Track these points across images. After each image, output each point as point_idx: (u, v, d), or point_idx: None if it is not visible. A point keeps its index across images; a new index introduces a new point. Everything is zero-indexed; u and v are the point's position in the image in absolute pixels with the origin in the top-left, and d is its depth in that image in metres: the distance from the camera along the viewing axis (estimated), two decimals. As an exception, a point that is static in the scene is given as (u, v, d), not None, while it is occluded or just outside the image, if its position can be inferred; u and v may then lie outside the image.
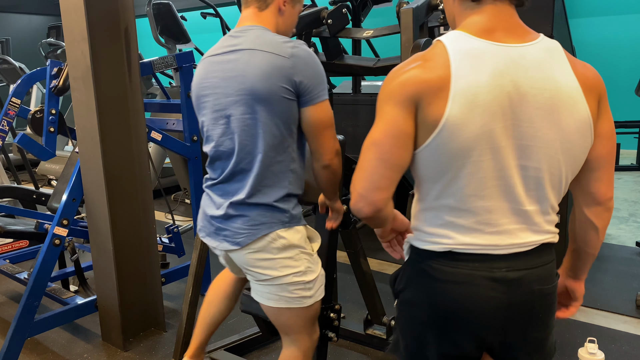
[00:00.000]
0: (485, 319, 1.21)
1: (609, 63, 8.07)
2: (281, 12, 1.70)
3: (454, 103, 1.10)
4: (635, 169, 6.98)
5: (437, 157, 1.15)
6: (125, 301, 2.77)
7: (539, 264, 1.22)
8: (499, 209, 1.17)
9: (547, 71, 1.15)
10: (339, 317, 2.14)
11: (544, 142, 1.14)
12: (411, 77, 1.14)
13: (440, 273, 1.21)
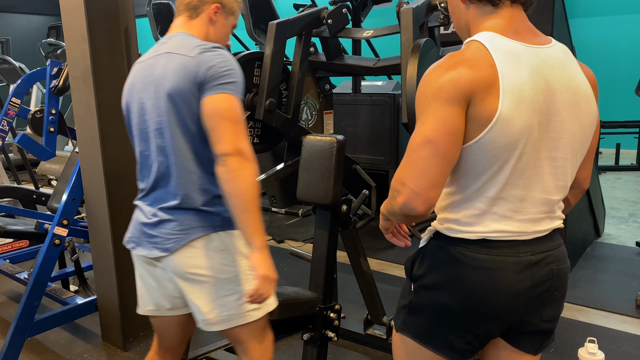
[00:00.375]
0: (511, 301, 1.28)
1: (609, 63, 8.07)
2: (212, 22, 1.68)
3: (505, 99, 1.16)
4: (635, 169, 6.97)
5: (487, 150, 1.19)
6: (125, 301, 2.77)
7: (555, 246, 1.33)
8: (530, 198, 1.25)
9: (568, 70, 1.25)
10: (339, 317, 2.14)
11: (569, 134, 1.24)
12: (462, 74, 1.17)
13: (473, 260, 1.27)
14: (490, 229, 1.26)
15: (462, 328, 1.32)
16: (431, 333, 1.36)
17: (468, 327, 1.32)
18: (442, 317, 1.33)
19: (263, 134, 2.69)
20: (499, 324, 1.33)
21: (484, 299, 1.28)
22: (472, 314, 1.30)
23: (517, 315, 1.32)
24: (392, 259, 3.97)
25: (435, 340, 1.35)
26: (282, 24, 2.47)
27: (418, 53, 1.83)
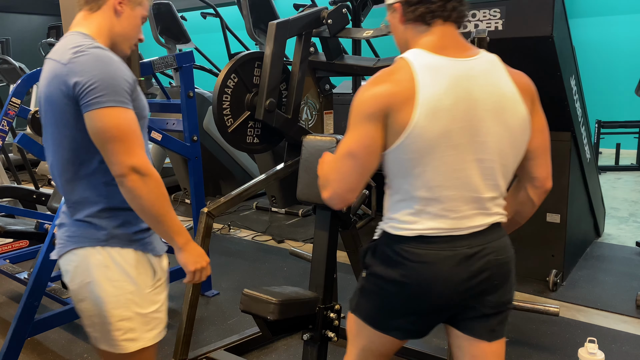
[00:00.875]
0: (450, 291, 1.41)
1: (609, 63, 8.07)
2: (117, 14, 1.54)
3: (421, 110, 1.31)
4: (635, 169, 6.97)
5: (406, 154, 1.35)
6: (125, 301, 2.77)
7: (494, 239, 1.43)
8: (461, 197, 1.38)
9: (491, 79, 1.38)
10: (339, 317, 2.14)
11: (496, 137, 1.37)
12: (383, 90, 1.34)
13: (412, 255, 1.40)
14: (426, 226, 1.39)
15: (405, 315, 1.47)
16: (377, 316, 1.50)
17: (411, 315, 1.46)
18: (387, 303, 1.47)
19: (263, 134, 2.69)
20: (440, 312, 1.47)
21: (423, 291, 1.41)
22: (414, 304, 1.44)
23: (458, 303, 1.44)
24: (392, 259, 3.97)
25: (381, 322, 1.50)
26: (282, 24, 2.47)
27: (418, 53, 1.83)
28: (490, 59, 1.42)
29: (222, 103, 2.43)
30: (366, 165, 1.39)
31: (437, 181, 1.35)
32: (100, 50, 1.44)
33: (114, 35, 1.55)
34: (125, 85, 1.42)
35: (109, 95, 1.38)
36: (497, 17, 2.81)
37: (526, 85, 1.45)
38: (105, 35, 1.53)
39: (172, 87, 5.51)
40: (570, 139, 3.23)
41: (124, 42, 1.59)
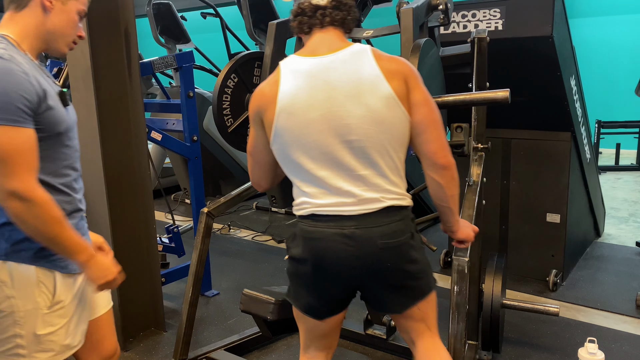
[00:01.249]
0: (342, 267, 1.53)
1: (609, 63, 8.07)
2: (46, 10, 1.43)
3: (279, 107, 1.50)
4: (635, 169, 6.97)
5: (279, 148, 1.55)
6: (125, 301, 2.77)
7: (383, 223, 1.52)
8: (336, 176, 1.51)
9: (351, 67, 1.50)
10: (339, 317, 2.14)
11: (358, 119, 1.48)
12: (255, 95, 1.59)
13: (306, 232, 1.56)
14: (314, 205, 1.54)
15: (312, 290, 1.62)
16: (296, 296, 1.68)
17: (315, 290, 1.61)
18: (298, 281, 1.64)
19: (263, 134, 2.69)
20: (340, 287, 1.60)
21: (319, 266, 1.55)
22: (314, 277, 1.58)
23: (357, 281, 1.58)
24: (392, 259, 3.97)
25: (299, 301, 1.67)
26: (282, 24, 2.47)
27: (418, 53, 1.83)
28: (355, 50, 1.52)
29: (222, 103, 2.43)
30: (261, 161, 1.66)
31: (311, 164, 1.51)
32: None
33: (45, 33, 1.45)
34: (19, 102, 1.31)
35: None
36: (497, 17, 2.81)
37: (395, 67, 1.51)
38: (33, 36, 1.44)
39: (172, 87, 5.51)
40: (570, 139, 3.23)
41: (59, 40, 1.49)
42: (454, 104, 1.97)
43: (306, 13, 1.56)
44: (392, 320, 2.60)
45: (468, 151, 2.12)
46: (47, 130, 1.39)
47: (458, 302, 1.78)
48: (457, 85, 2.37)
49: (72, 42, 1.53)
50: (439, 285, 1.79)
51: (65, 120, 1.46)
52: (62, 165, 1.47)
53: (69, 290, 1.51)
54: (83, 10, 1.53)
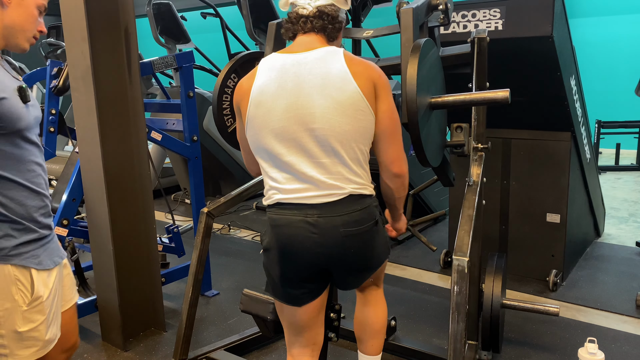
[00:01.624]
0: (306, 253, 1.64)
1: (609, 63, 8.06)
2: (3, 5, 1.43)
3: (252, 98, 1.66)
4: (635, 169, 6.97)
5: (252, 134, 1.69)
6: (125, 301, 2.77)
7: (345, 212, 1.64)
8: (301, 162, 1.63)
9: (321, 64, 1.62)
10: (339, 317, 2.14)
11: (322, 109, 1.59)
12: (236, 87, 1.75)
13: (273, 220, 1.68)
14: (283, 190, 1.65)
15: (285, 277, 1.71)
16: (273, 287, 1.77)
17: (287, 275, 1.71)
18: (271, 270, 1.74)
19: (263, 134, 2.69)
20: (308, 272, 1.70)
21: (284, 250, 1.67)
22: (283, 263, 1.69)
23: (323, 265, 1.68)
24: (392, 259, 3.98)
25: (277, 292, 1.76)
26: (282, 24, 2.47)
27: (418, 53, 1.83)
28: (329, 50, 1.66)
29: (222, 103, 2.42)
30: (247, 148, 1.80)
31: (280, 149, 1.63)
32: None
33: (2, 29, 1.45)
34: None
35: None
36: (497, 17, 2.81)
37: (364, 70, 1.63)
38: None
39: (172, 87, 5.51)
40: (570, 139, 3.23)
41: (17, 35, 1.47)
42: (454, 104, 1.97)
43: (291, 21, 1.72)
44: (392, 320, 2.60)
45: (468, 151, 2.12)
46: (6, 127, 1.39)
47: (458, 302, 1.78)
48: (457, 85, 2.37)
49: (32, 37, 1.52)
50: (438, 285, 1.80)
51: (23, 117, 1.44)
52: (24, 160, 1.47)
53: (46, 286, 1.52)
54: (43, 5, 1.51)
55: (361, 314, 2.07)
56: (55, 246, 1.60)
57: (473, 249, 1.87)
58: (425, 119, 1.89)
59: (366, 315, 2.06)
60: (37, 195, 1.52)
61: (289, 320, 1.82)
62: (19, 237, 1.46)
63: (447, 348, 2.10)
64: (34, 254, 1.49)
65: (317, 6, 1.69)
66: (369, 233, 1.69)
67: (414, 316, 3.09)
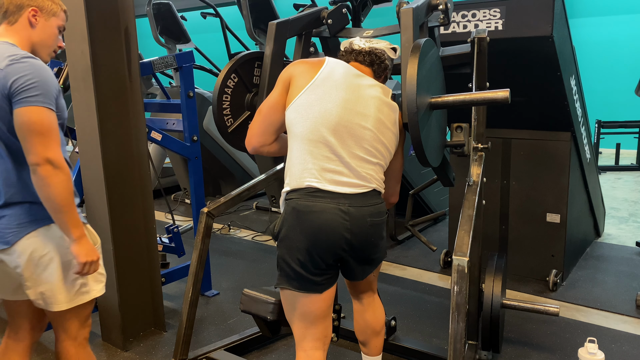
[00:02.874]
0: (338, 237, 1.75)
1: (609, 63, 8.06)
2: (32, 26, 1.77)
3: (323, 70, 1.84)
4: (635, 169, 6.97)
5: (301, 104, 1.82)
6: (125, 301, 2.77)
7: (371, 204, 1.80)
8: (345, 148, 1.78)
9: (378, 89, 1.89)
10: (339, 317, 2.15)
11: (375, 118, 1.83)
12: (298, 62, 1.92)
13: (304, 206, 1.75)
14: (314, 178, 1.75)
15: (309, 262, 1.76)
16: (292, 276, 1.79)
17: (312, 260, 1.76)
18: (293, 258, 1.77)
19: (263, 134, 2.68)
20: (332, 257, 1.78)
21: (316, 235, 1.73)
22: (312, 247, 1.74)
23: (344, 252, 1.78)
24: (392, 259, 3.98)
25: (296, 281, 1.79)
26: (282, 24, 2.47)
27: (418, 53, 1.83)
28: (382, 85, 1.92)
29: (222, 103, 2.42)
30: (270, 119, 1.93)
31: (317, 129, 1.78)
32: (34, 60, 1.68)
33: (32, 44, 1.78)
34: (54, 91, 1.67)
35: (38, 97, 1.62)
36: (497, 17, 2.81)
37: (400, 120, 1.92)
38: (26, 45, 1.77)
39: (172, 87, 5.51)
40: (570, 139, 3.23)
41: (42, 49, 1.80)
42: (454, 104, 1.97)
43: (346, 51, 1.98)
44: (392, 320, 2.60)
45: (468, 151, 2.12)
46: (58, 116, 1.70)
47: (458, 302, 1.78)
48: (457, 85, 2.37)
49: (52, 51, 1.85)
50: (438, 285, 1.81)
51: (65, 110, 1.80)
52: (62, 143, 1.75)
53: (97, 236, 1.91)
54: (62, 25, 1.85)
55: (362, 320, 2.13)
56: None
57: (473, 249, 1.88)
58: (425, 119, 1.89)
59: (367, 319, 2.12)
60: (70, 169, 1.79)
61: (305, 311, 1.84)
62: (77, 197, 1.77)
63: (447, 348, 2.10)
64: (80, 212, 1.79)
65: (370, 47, 1.94)
66: (383, 225, 1.87)
67: (414, 316, 3.09)
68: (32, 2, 1.77)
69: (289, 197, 1.80)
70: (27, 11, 1.75)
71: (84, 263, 1.74)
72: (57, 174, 1.64)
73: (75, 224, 1.71)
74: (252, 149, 1.94)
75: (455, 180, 2.39)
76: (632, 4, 7.83)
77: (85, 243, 1.74)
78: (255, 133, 1.92)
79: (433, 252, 3.98)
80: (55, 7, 1.81)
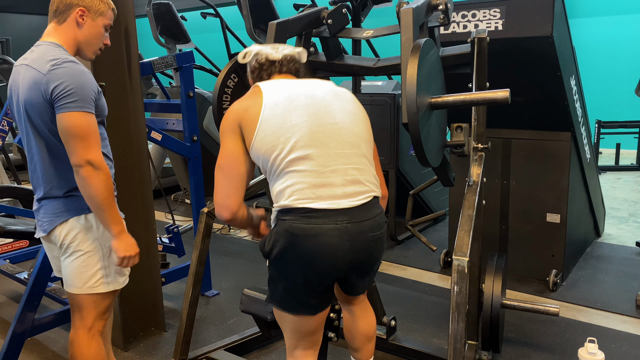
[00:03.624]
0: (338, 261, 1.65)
1: (609, 63, 8.07)
2: (79, 25, 1.84)
3: (266, 101, 1.71)
4: (635, 169, 6.97)
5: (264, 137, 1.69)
6: (125, 301, 2.77)
7: (370, 217, 1.68)
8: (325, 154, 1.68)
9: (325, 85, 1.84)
10: (339, 317, 2.14)
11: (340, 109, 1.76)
12: (233, 109, 1.78)
13: (299, 230, 1.61)
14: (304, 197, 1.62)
15: (307, 287, 1.67)
16: (286, 298, 1.72)
17: (310, 285, 1.67)
18: (287, 281, 1.68)
19: (263, 134, 2.69)
20: (332, 280, 1.70)
21: (314, 259, 1.62)
22: (309, 273, 1.65)
23: (345, 272, 1.70)
24: (392, 259, 3.98)
25: (290, 303, 1.72)
26: (282, 24, 2.47)
27: (418, 53, 1.83)
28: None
29: (222, 103, 2.42)
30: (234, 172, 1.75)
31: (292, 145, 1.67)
32: (74, 64, 1.74)
33: (78, 43, 1.86)
34: (92, 94, 1.76)
35: (77, 102, 1.72)
36: (497, 17, 2.81)
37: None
38: (72, 44, 1.84)
39: (172, 87, 5.51)
40: (570, 139, 3.23)
41: (87, 48, 1.88)
42: (454, 104, 1.97)
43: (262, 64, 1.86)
44: (392, 320, 2.60)
45: (468, 151, 2.12)
46: (98, 114, 1.82)
47: (458, 302, 1.78)
48: (457, 85, 2.37)
49: (97, 49, 1.92)
50: (438, 285, 1.81)
51: (106, 107, 1.91)
52: (102, 138, 1.89)
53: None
54: (109, 24, 1.91)
55: (354, 326, 2.07)
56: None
57: (473, 249, 1.87)
58: (425, 119, 1.89)
59: (359, 325, 2.06)
60: (111, 163, 1.96)
61: (298, 329, 1.79)
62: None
63: (447, 348, 2.10)
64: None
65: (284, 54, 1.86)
66: (385, 236, 1.78)
67: (414, 316, 3.09)
68: (81, 1, 1.82)
69: (282, 218, 1.65)
70: (75, 10, 1.81)
71: (122, 257, 1.85)
72: (97, 175, 1.74)
73: (115, 221, 1.82)
74: (231, 212, 1.70)
75: (455, 180, 2.39)
76: (632, 4, 7.83)
77: (124, 238, 1.85)
78: (227, 193, 1.70)
79: (433, 252, 3.98)
80: (102, 7, 1.86)
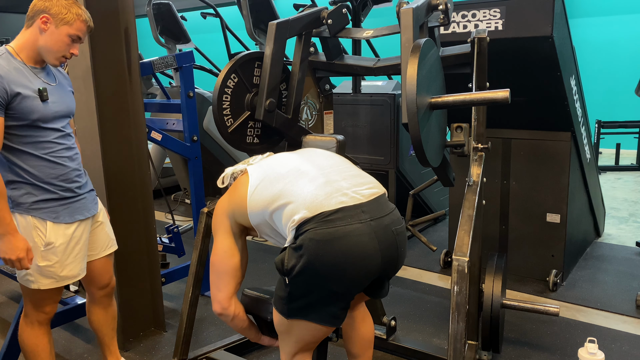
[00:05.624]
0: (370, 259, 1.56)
1: (609, 63, 8.06)
2: (42, 32, 1.90)
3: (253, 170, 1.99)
4: (635, 169, 6.97)
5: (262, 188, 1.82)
6: (125, 301, 2.77)
7: (389, 211, 1.67)
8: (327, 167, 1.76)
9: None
10: (339, 317, 2.14)
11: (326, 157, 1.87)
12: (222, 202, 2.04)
13: (323, 235, 1.51)
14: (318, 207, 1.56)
15: (336, 297, 1.58)
16: (308, 312, 1.60)
17: (341, 295, 1.58)
18: (318, 295, 1.57)
19: (263, 134, 2.68)
20: (366, 281, 1.61)
21: (345, 265, 1.52)
22: (339, 282, 1.54)
23: (377, 273, 1.62)
24: (392, 259, 3.97)
25: (316, 314, 1.60)
26: (282, 24, 2.47)
27: (418, 53, 1.83)
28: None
29: (222, 103, 2.42)
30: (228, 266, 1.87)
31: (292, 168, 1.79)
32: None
33: (38, 48, 1.92)
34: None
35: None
36: (497, 17, 2.81)
37: None
38: (29, 48, 1.92)
39: (172, 87, 5.51)
40: (570, 139, 3.23)
41: (48, 54, 1.93)
42: (454, 104, 1.97)
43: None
44: (392, 320, 2.60)
45: (468, 151, 2.12)
46: (23, 119, 1.86)
47: (458, 302, 1.78)
48: (457, 85, 2.37)
49: (61, 57, 1.95)
50: (438, 285, 1.81)
51: (38, 110, 1.91)
52: (43, 140, 1.93)
53: (59, 236, 1.99)
54: (75, 35, 1.94)
55: (355, 331, 2.03)
56: (80, 205, 2.06)
57: (473, 249, 1.87)
58: (425, 119, 1.89)
59: (361, 330, 2.03)
60: (56, 165, 1.97)
61: (309, 339, 1.72)
62: (38, 196, 1.95)
63: (447, 348, 2.10)
64: (53, 210, 1.97)
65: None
66: (405, 230, 1.75)
67: (414, 316, 3.09)
68: (48, 10, 1.89)
69: (301, 232, 1.54)
70: (40, 17, 1.89)
71: (7, 259, 1.87)
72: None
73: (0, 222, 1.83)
74: (221, 307, 1.84)
75: (455, 180, 2.39)
76: (632, 4, 7.83)
77: (8, 241, 1.85)
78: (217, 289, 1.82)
79: (433, 252, 3.98)
80: (69, 17, 1.90)
